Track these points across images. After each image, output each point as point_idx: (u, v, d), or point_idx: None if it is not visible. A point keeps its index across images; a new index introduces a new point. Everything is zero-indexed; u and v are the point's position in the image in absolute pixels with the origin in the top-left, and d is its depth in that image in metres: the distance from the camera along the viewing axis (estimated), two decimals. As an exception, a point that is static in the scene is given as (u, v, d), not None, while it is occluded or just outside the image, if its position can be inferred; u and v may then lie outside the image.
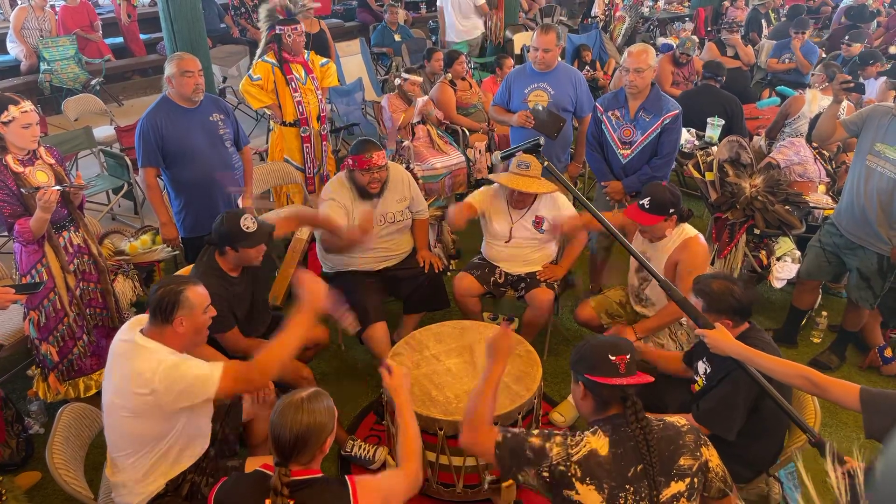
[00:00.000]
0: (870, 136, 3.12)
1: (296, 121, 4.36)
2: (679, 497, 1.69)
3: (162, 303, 2.07)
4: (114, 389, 2.09)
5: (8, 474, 2.81)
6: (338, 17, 10.03)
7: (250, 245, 2.70)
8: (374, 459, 2.89)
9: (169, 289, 2.09)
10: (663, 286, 2.22)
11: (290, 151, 4.47)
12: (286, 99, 4.29)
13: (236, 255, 2.72)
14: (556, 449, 1.71)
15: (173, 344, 2.10)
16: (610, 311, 3.27)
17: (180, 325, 2.09)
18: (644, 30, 9.24)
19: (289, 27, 4.21)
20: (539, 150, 2.48)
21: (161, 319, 2.07)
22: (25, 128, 2.71)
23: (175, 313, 2.07)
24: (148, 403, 2.00)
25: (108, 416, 2.13)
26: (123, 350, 2.10)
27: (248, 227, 2.66)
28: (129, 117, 6.24)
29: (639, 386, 1.77)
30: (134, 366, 2.02)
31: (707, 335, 2.12)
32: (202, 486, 2.21)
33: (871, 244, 3.19)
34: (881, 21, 8.81)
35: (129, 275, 3.64)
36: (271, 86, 4.28)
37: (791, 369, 1.98)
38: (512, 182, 3.26)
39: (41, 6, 7.33)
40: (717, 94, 5.03)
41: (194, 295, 2.12)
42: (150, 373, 1.98)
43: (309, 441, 1.71)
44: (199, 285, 2.18)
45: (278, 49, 4.26)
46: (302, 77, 4.36)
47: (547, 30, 3.86)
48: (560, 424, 3.15)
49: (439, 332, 2.97)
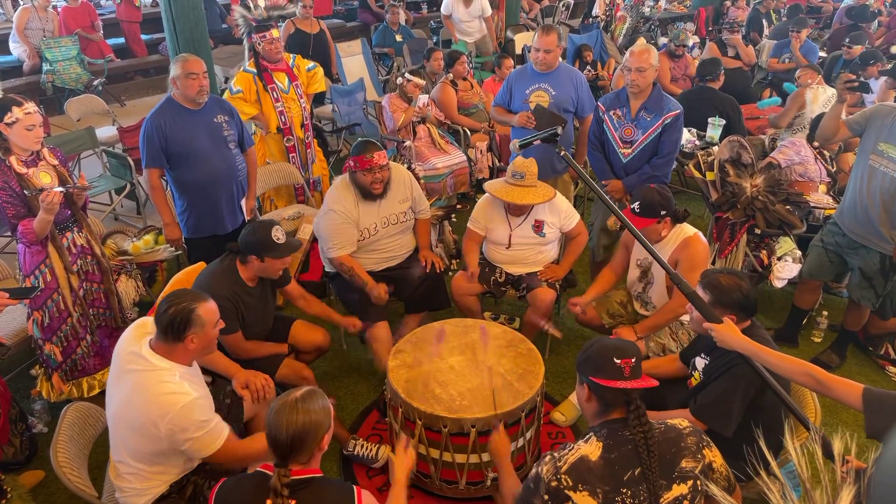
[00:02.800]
0: (873, 135, 3.12)
1: (279, 129, 4.32)
2: (682, 500, 1.69)
3: (174, 321, 2.06)
4: (121, 403, 2.10)
5: (11, 473, 2.82)
6: (339, 18, 10.04)
7: (277, 256, 2.72)
8: (377, 458, 2.90)
9: (182, 307, 2.07)
10: (673, 278, 2.22)
11: (273, 157, 4.44)
12: (268, 108, 4.26)
13: (260, 266, 2.74)
14: (545, 468, 1.71)
15: (182, 358, 2.11)
16: (611, 311, 3.27)
17: (192, 343, 2.10)
18: (645, 30, 9.24)
19: (257, 35, 4.17)
20: (556, 139, 2.48)
21: (173, 338, 2.08)
22: (29, 129, 2.71)
23: (187, 332, 2.07)
24: (155, 436, 2.04)
25: (113, 425, 2.15)
26: (132, 366, 2.10)
27: (278, 238, 2.68)
28: (132, 117, 6.25)
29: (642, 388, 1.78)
30: (146, 397, 2.03)
31: (715, 329, 2.12)
32: (205, 488, 2.22)
33: (873, 243, 3.20)
34: (882, 21, 8.81)
35: (132, 275, 3.65)
36: (254, 96, 4.24)
37: (796, 366, 1.98)
38: (506, 194, 3.26)
39: (44, 6, 7.36)
40: (715, 97, 5.04)
41: (206, 312, 2.12)
42: (162, 415, 2.00)
43: (306, 440, 1.72)
44: (210, 301, 2.17)
45: (256, 58, 4.23)
46: (284, 85, 4.30)
47: (548, 30, 3.87)
48: (561, 424, 3.16)
49: (441, 331, 2.97)
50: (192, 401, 2.03)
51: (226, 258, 2.82)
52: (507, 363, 2.75)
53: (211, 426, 2.08)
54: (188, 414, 2.02)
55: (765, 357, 2.03)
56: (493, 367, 2.71)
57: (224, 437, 2.10)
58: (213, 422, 2.09)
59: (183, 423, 2.01)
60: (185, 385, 2.05)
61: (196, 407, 2.04)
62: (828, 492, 1.50)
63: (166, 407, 2.00)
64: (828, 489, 1.50)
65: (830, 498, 1.48)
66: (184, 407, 2.01)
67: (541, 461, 1.75)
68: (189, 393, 2.04)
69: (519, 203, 3.26)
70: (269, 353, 2.90)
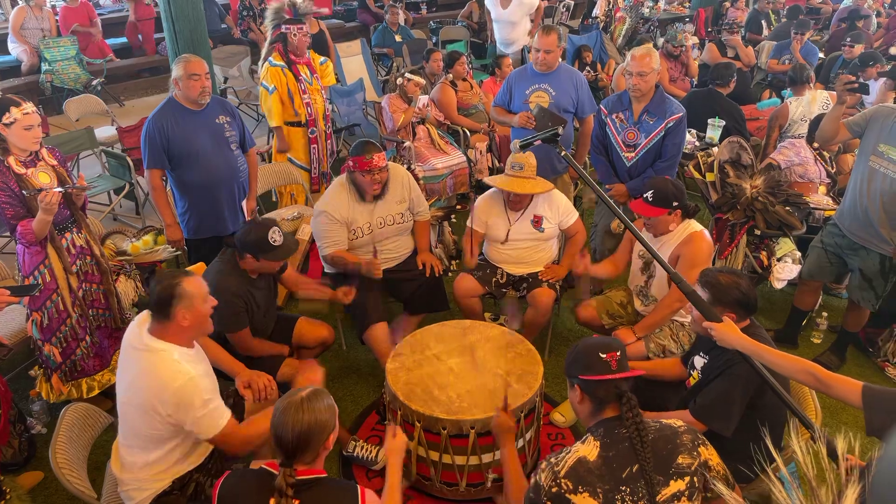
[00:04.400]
0: (873, 136, 3.12)
1: (305, 122, 4.35)
2: (679, 496, 1.69)
3: (161, 298, 2.08)
4: (126, 387, 2.12)
5: (10, 474, 2.81)
6: (338, 18, 10.03)
7: (273, 259, 2.74)
8: (377, 460, 2.89)
9: (166, 284, 2.10)
10: (673, 277, 2.22)
11: (295, 151, 4.47)
12: (297, 100, 4.28)
13: (256, 264, 2.76)
14: (543, 475, 1.71)
15: (179, 339, 2.12)
16: (611, 312, 3.27)
17: (184, 319, 2.10)
18: (644, 31, 9.23)
19: (294, 26, 4.21)
20: (557, 139, 2.49)
21: (163, 315, 2.09)
22: (27, 129, 2.71)
23: (175, 307, 2.08)
24: (159, 416, 2.05)
25: (122, 411, 2.17)
26: (135, 352, 2.11)
27: (275, 241, 2.69)
28: (130, 118, 6.25)
29: (635, 383, 1.79)
30: (147, 377, 2.05)
31: (715, 328, 2.12)
32: (206, 486, 2.23)
33: (873, 245, 3.20)
34: (881, 22, 8.81)
35: (131, 275, 3.64)
36: (285, 89, 4.27)
37: (796, 364, 1.98)
38: (506, 184, 3.28)
39: (40, 6, 7.33)
40: (721, 102, 5.02)
41: (191, 286, 2.12)
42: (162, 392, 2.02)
43: (311, 439, 1.73)
44: (195, 276, 2.19)
45: (284, 50, 4.25)
46: (308, 77, 4.36)
47: (548, 31, 3.87)
48: (561, 424, 3.16)
49: (440, 333, 2.97)
50: (190, 378, 2.04)
51: (225, 253, 2.82)
52: (505, 364, 2.75)
53: (213, 406, 2.09)
54: (188, 391, 2.03)
55: (765, 355, 2.03)
56: (493, 369, 2.71)
57: (227, 419, 2.11)
58: (216, 402, 2.11)
59: (184, 399, 2.02)
60: (182, 364, 2.07)
61: (196, 385, 2.05)
62: (833, 490, 1.50)
63: (165, 382, 2.02)
64: (833, 487, 1.50)
65: (836, 497, 1.48)
66: (183, 384, 2.02)
67: (537, 470, 1.75)
68: (188, 371, 2.06)
69: (519, 192, 3.26)
70: (274, 353, 2.91)
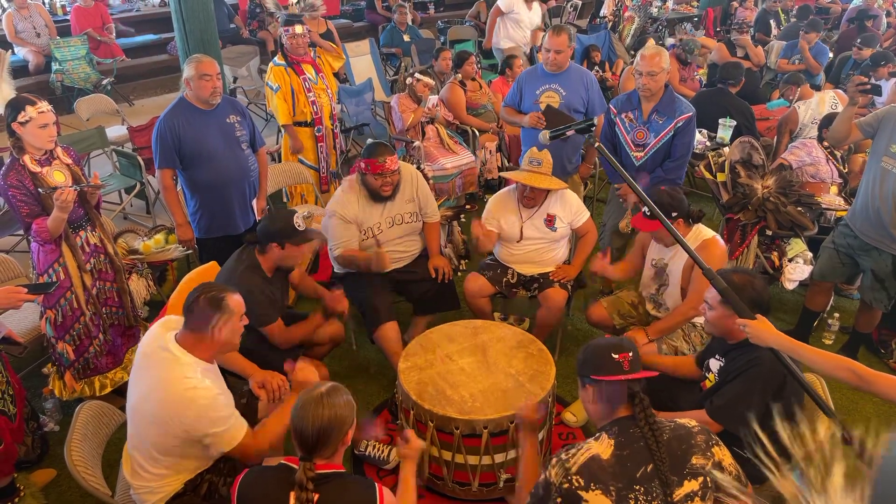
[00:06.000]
0: (885, 137, 3.11)
1: (311, 121, 4.38)
2: (693, 496, 1.69)
3: (204, 309, 2.08)
4: (141, 396, 2.11)
5: (23, 471, 2.83)
6: (346, 18, 10.04)
7: (298, 242, 2.76)
8: (388, 460, 2.90)
9: (211, 296, 2.11)
10: (706, 275, 2.15)
11: (304, 151, 4.49)
12: (301, 99, 4.32)
13: (280, 254, 2.77)
14: (554, 471, 1.71)
15: (207, 354, 2.13)
16: (622, 312, 3.27)
17: (219, 332, 2.11)
18: (653, 30, 9.21)
19: (283, 29, 4.32)
20: (591, 129, 2.44)
21: (201, 326, 2.09)
22: (42, 128, 2.72)
23: (216, 317, 2.09)
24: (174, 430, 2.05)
25: (132, 417, 2.16)
26: (156, 359, 2.11)
27: (299, 225, 2.73)
28: (140, 117, 6.27)
29: (648, 384, 1.78)
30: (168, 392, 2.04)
31: (749, 325, 2.08)
32: (220, 486, 2.23)
33: (885, 245, 3.18)
34: (891, 21, 8.76)
35: (143, 274, 3.67)
36: (288, 88, 4.30)
37: (836, 361, 1.92)
38: (525, 178, 3.28)
39: (22, 5, 7.31)
40: (731, 101, 5.01)
41: (234, 302, 2.15)
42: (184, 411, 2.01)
43: (331, 434, 1.76)
44: (237, 293, 2.20)
45: (282, 50, 4.32)
46: (313, 77, 4.39)
47: (559, 31, 3.86)
48: (572, 424, 3.15)
49: (451, 332, 2.97)
50: (214, 396, 2.05)
51: (243, 252, 2.84)
52: (517, 364, 2.75)
53: (231, 422, 2.09)
54: (210, 410, 2.03)
55: (802, 353, 1.97)
56: (505, 369, 2.71)
57: (243, 433, 2.12)
58: (233, 418, 2.11)
59: (205, 419, 2.03)
60: (206, 381, 2.07)
61: (218, 403, 2.06)
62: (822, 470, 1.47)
63: (188, 402, 2.02)
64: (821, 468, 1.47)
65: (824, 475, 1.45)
66: (206, 404, 2.03)
67: (547, 465, 1.74)
68: (211, 388, 2.06)
69: (537, 186, 3.26)
70: (312, 329, 2.95)
